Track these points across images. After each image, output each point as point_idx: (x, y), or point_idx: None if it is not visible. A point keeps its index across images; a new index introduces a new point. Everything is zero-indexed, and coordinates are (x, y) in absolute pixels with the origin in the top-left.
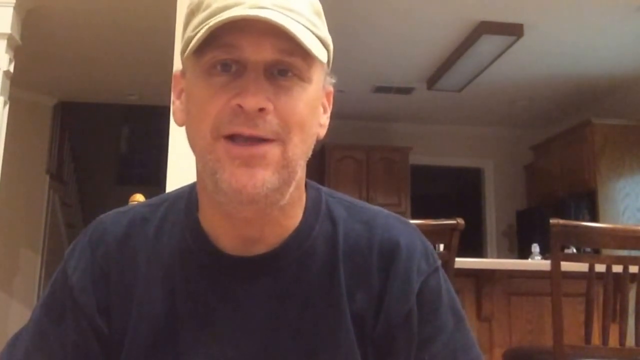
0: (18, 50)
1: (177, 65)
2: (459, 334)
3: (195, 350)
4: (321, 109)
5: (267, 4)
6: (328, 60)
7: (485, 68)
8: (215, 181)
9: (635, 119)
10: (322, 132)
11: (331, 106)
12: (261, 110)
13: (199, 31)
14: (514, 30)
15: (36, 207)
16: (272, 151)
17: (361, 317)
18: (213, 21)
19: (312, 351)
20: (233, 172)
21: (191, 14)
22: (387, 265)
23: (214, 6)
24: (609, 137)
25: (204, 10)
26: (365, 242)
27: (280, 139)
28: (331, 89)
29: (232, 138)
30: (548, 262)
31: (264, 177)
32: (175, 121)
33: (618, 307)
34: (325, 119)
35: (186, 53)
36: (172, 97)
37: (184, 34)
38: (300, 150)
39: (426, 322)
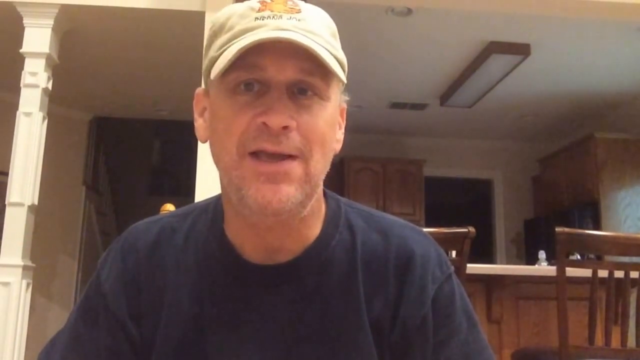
0: (56, 69)
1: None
2: (473, 337)
3: (222, 353)
4: (337, 125)
5: (288, 26)
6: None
7: (495, 85)
8: (241, 197)
9: (635, 133)
10: (338, 147)
11: (344, 122)
12: (285, 127)
13: (223, 52)
14: (522, 50)
15: (73, 216)
16: (295, 168)
17: (379, 323)
18: (240, 43)
19: (332, 355)
20: (258, 188)
21: (214, 35)
22: (403, 273)
23: (237, 28)
24: (611, 150)
25: (227, 32)
26: (382, 250)
27: (302, 156)
28: (345, 105)
29: (256, 155)
30: (554, 268)
31: (288, 193)
32: (199, 138)
33: (620, 310)
34: (340, 135)
35: (211, 73)
36: (195, 115)
37: (207, 54)
38: (322, 166)
39: (441, 326)
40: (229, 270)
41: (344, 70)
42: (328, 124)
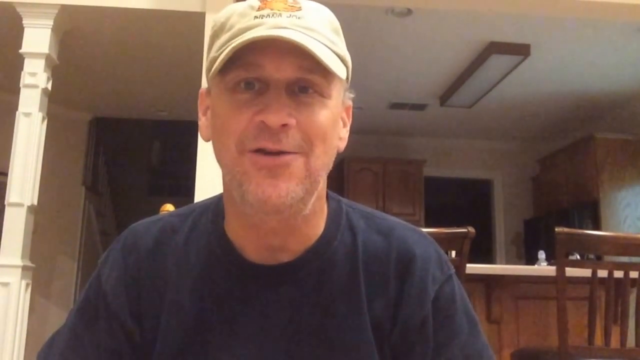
0: (55, 69)
1: (205, 83)
2: (473, 338)
3: (222, 353)
4: (341, 123)
5: (287, 24)
6: (347, 77)
7: (495, 85)
8: (242, 193)
9: (635, 133)
10: (342, 145)
11: (350, 120)
12: (284, 126)
13: (222, 51)
14: (522, 50)
15: (73, 216)
16: (296, 162)
17: (379, 323)
18: (237, 41)
19: (333, 355)
20: (259, 184)
21: (215, 35)
22: (403, 274)
23: (237, 27)
24: (611, 150)
25: (227, 31)
26: (383, 251)
27: (303, 152)
28: (350, 103)
29: (257, 151)
30: (553, 268)
31: (288, 188)
32: (202, 137)
33: (619, 310)
34: (344, 133)
35: (211, 72)
36: (199, 114)
37: (209, 54)
38: (322, 162)
39: (442, 328)
40: (230, 270)
41: (346, 67)
42: (329, 121)
